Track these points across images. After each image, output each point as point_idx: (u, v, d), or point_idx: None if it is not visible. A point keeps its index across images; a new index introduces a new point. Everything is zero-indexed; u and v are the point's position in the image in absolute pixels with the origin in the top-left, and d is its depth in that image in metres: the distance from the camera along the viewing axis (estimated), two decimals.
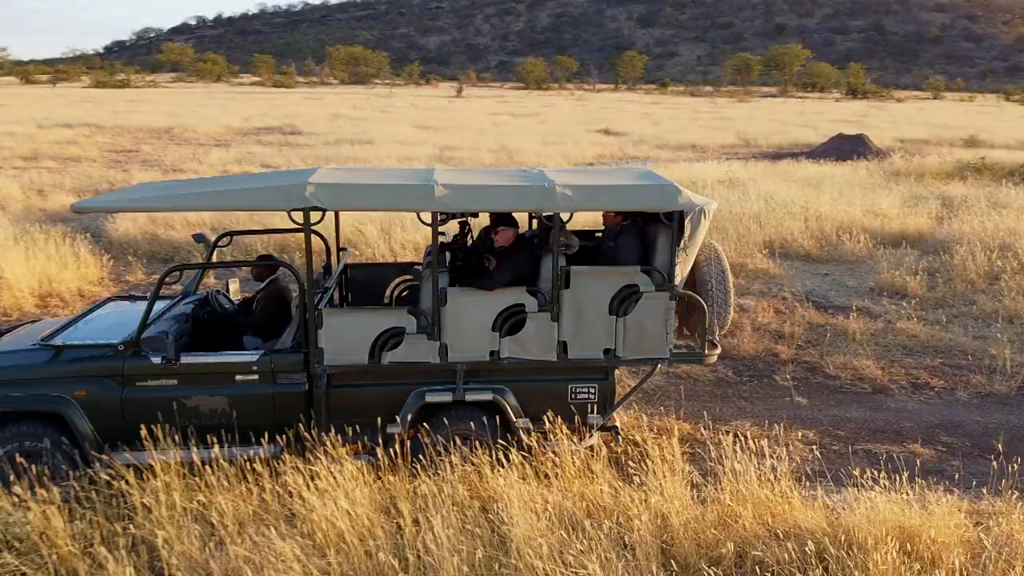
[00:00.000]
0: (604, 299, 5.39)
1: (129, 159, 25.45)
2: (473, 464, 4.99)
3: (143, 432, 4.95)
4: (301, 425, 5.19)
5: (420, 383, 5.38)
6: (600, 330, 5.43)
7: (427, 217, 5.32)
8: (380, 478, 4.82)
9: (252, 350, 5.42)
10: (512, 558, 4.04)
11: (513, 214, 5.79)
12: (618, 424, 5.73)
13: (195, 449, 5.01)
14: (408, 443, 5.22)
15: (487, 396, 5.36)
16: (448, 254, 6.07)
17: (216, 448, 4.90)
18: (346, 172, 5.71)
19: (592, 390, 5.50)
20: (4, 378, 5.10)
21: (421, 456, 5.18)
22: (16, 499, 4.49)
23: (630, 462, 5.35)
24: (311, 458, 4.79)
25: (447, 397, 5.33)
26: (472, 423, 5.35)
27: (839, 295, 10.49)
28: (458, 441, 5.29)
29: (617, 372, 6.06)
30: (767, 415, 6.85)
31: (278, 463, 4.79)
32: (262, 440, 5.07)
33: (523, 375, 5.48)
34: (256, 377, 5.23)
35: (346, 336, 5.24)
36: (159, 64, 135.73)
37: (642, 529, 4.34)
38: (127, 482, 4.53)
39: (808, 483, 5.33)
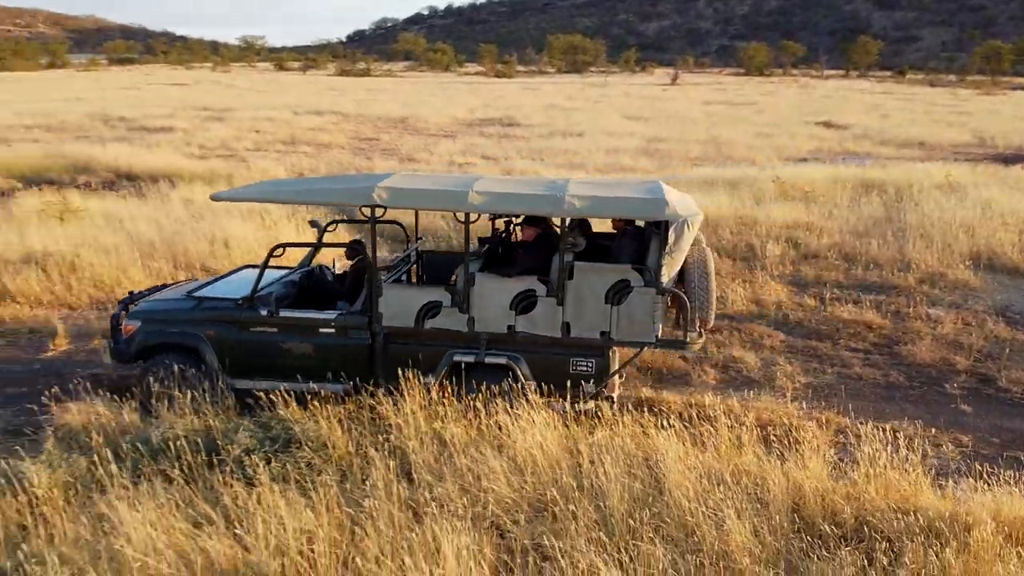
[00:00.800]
0: (601, 290, 6.53)
1: (371, 147, 28.61)
2: (641, 426, 6.13)
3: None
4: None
5: (452, 346, 6.74)
6: (597, 315, 6.56)
7: (463, 216, 6.64)
8: (567, 426, 6.10)
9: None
10: (664, 496, 5.16)
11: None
12: (615, 395, 6.88)
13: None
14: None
15: (503, 360, 6.68)
16: (486, 246, 7.59)
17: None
18: (408, 178, 7.21)
19: (589, 364, 6.65)
20: (161, 319, 7.10)
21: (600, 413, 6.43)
22: (310, 412, 6.27)
23: (773, 438, 6.22)
24: (516, 404, 6.17)
25: (471, 358, 6.69)
26: (490, 380, 6.65)
27: None
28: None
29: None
30: (927, 419, 7.33)
31: (491, 406, 6.22)
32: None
33: (533, 347, 6.69)
34: (333, 331, 6.85)
35: (399, 305, 6.74)
36: (394, 53, 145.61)
37: (776, 490, 5.28)
38: (385, 408, 6.17)
39: (942, 477, 5.92)
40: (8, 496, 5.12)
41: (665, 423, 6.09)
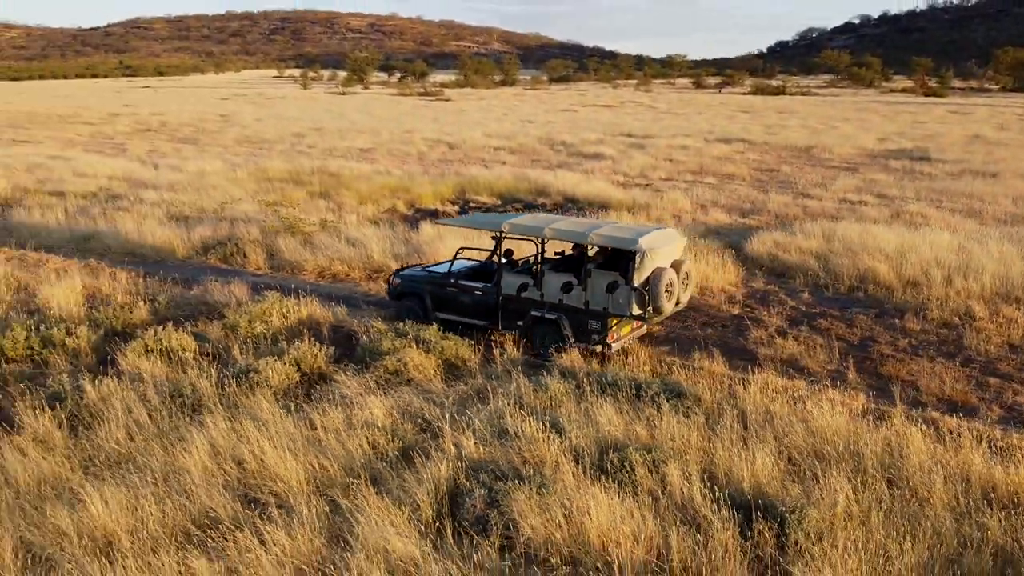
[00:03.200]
0: (603, 284, 11.75)
1: (770, 179, 31.32)
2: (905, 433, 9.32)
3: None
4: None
5: (532, 308, 12.23)
6: (601, 298, 11.74)
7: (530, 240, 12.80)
8: (854, 419, 9.52)
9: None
10: (898, 462, 8.47)
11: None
12: (614, 346, 11.94)
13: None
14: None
15: (554, 317, 12.09)
16: (558, 256, 13.36)
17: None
18: (525, 217, 13.23)
19: (598, 324, 11.80)
20: (411, 280, 13.50)
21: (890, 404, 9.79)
22: (694, 378, 10.63)
23: (1005, 453, 8.88)
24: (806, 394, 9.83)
25: (539, 315, 12.16)
26: (548, 328, 12.14)
27: None
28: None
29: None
30: None
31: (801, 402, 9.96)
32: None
33: (571, 312, 11.96)
34: (480, 293, 12.64)
35: (509, 283, 12.40)
36: (815, 66, 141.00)
37: (979, 476, 8.24)
38: (737, 387, 10.30)
39: None
40: (540, 392, 10.33)
41: (926, 429, 9.20)
